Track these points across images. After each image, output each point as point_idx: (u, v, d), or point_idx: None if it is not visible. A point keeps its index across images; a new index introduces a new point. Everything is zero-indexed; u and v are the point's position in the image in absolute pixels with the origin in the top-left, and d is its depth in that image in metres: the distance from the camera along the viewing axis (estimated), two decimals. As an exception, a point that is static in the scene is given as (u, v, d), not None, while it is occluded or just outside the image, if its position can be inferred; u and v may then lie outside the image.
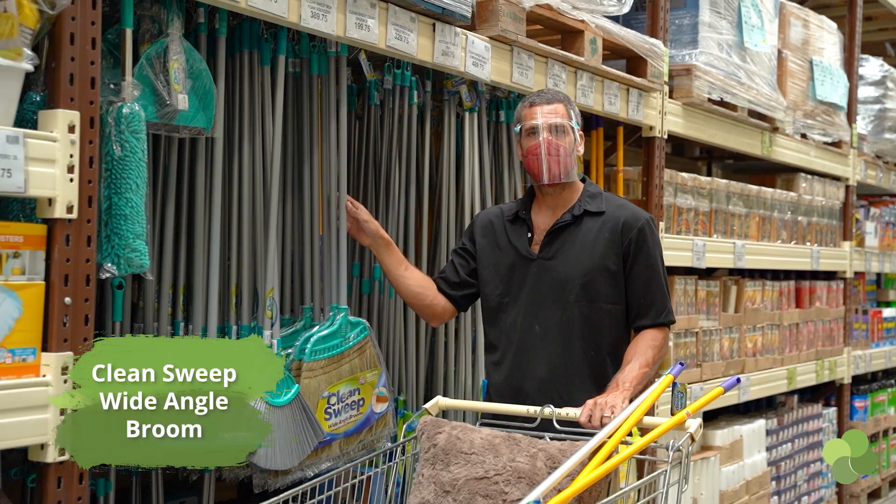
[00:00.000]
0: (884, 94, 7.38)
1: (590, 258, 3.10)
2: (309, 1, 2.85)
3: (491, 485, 2.58)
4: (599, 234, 3.14)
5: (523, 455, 2.60)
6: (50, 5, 2.24)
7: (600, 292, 3.11)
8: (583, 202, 3.17)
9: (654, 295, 3.15)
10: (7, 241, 2.21)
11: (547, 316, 3.11)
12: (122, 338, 2.40)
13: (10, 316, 2.21)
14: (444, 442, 2.68)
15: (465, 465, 2.63)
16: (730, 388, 2.82)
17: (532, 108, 3.13)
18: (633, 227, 3.13)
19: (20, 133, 2.17)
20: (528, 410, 2.81)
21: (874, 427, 7.23)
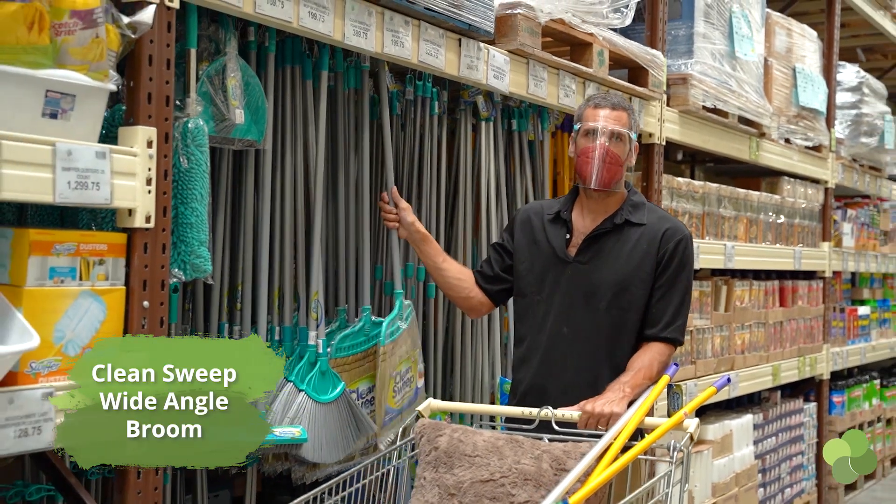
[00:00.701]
0: (860, 100, 7.64)
1: (625, 268, 3.13)
2: (352, 21, 3.02)
3: (497, 487, 2.62)
4: (637, 244, 3.16)
5: (527, 457, 2.65)
6: (132, 30, 2.40)
7: (632, 302, 3.14)
8: (625, 211, 3.19)
9: (672, 308, 3.15)
10: (94, 249, 2.36)
11: (577, 320, 3.14)
12: (123, 338, 2.39)
13: (97, 319, 2.36)
14: (446, 445, 2.70)
15: (470, 467, 2.66)
16: (721, 387, 2.97)
17: (595, 110, 3.14)
18: (671, 239, 3.16)
19: (107, 149, 2.33)
20: (523, 412, 2.88)
21: (851, 421, 7.48)
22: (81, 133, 2.30)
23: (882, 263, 8.32)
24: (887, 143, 8.22)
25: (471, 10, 3.43)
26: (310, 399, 3.06)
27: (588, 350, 3.14)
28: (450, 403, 3.04)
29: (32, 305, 2.22)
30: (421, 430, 2.78)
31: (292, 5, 2.82)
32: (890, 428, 8.38)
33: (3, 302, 2.20)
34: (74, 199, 2.26)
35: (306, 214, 3.25)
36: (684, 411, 2.75)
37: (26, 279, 2.23)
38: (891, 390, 8.44)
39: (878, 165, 8.36)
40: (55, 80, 2.21)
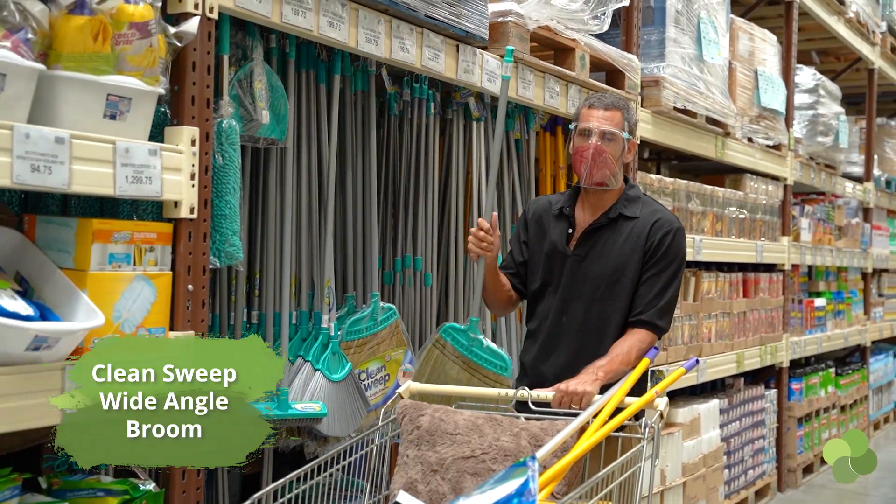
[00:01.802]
0: (816, 101, 8.00)
1: (617, 260, 3.26)
2: (364, 29, 3.28)
3: (478, 463, 2.70)
4: (629, 237, 3.29)
5: (507, 434, 2.74)
6: (178, 39, 2.64)
7: (623, 293, 3.26)
8: (620, 205, 3.31)
9: (653, 294, 3.26)
10: (145, 237, 2.60)
11: (574, 310, 3.29)
12: (123, 337, 2.43)
13: (148, 301, 2.60)
14: (428, 424, 2.79)
15: (452, 445, 2.74)
16: (690, 368, 3.12)
17: (590, 111, 3.25)
18: (659, 230, 3.28)
19: (158, 147, 2.57)
20: (499, 394, 2.99)
21: (808, 407, 7.83)
22: (135, 132, 2.54)
23: (837, 257, 8.68)
24: (841, 142, 8.59)
25: (468, 18, 3.70)
26: (324, 378, 3.32)
27: (582, 338, 3.27)
28: (428, 385, 3.12)
29: (95, 288, 2.46)
30: (403, 410, 2.86)
31: (313, 15, 3.07)
32: (844, 415, 8.75)
33: (70, 284, 2.44)
34: (131, 192, 2.50)
35: (320, 207, 3.50)
36: (655, 390, 2.88)
37: (90, 264, 2.47)
38: (844, 378, 8.80)
39: (833, 164, 8.73)
40: (115, 84, 2.46)
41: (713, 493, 6.04)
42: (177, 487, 2.68)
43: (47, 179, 2.29)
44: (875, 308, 9.97)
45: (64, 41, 2.38)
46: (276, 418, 3.16)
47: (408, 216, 4.02)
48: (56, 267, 2.46)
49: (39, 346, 2.26)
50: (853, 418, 9.03)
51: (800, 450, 7.67)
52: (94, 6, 2.42)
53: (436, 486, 2.73)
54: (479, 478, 2.68)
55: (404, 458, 2.80)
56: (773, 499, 7.24)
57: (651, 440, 2.72)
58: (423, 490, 2.73)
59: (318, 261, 3.48)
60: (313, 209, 3.49)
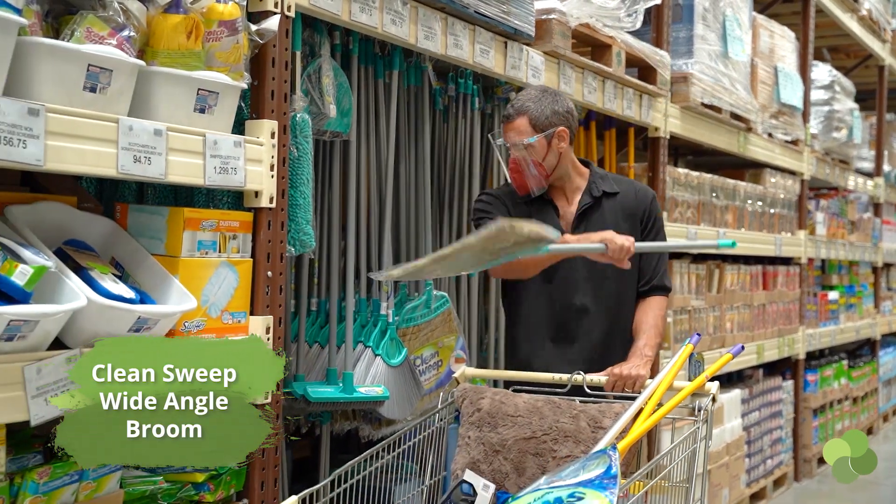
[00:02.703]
0: (832, 97, 8.13)
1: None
2: (422, 26, 3.41)
3: (540, 444, 2.80)
4: (620, 211, 3.35)
5: (566, 416, 2.84)
6: (260, 36, 2.77)
7: (633, 266, 3.23)
8: (597, 184, 3.36)
9: (660, 263, 3.40)
10: (229, 225, 2.72)
11: (584, 292, 3.32)
12: (123, 337, 2.33)
13: (231, 286, 2.73)
14: (489, 406, 2.89)
15: (513, 426, 2.84)
16: (737, 354, 3.15)
17: (503, 126, 3.29)
18: (645, 199, 3.39)
19: (241, 139, 2.70)
20: (554, 377, 3.05)
21: (822, 399, 7.97)
22: (221, 125, 2.66)
23: (850, 251, 8.82)
24: (855, 138, 8.73)
25: (516, 15, 3.82)
26: (384, 363, 3.45)
27: (601, 318, 3.34)
28: (483, 370, 3.23)
29: (186, 273, 2.58)
30: (463, 393, 2.97)
31: (378, 13, 3.19)
32: (856, 406, 8.89)
33: (162, 270, 2.56)
34: (219, 181, 2.63)
35: (379, 198, 3.63)
36: (706, 375, 2.95)
37: (181, 250, 2.59)
38: (856, 371, 8.95)
39: (847, 159, 8.86)
40: (205, 79, 2.58)
41: (735, 481, 6.18)
42: (257, 465, 2.81)
43: (147, 170, 2.41)
44: (884, 302, 10.11)
45: (160, 38, 2.50)
46: (344, 401, 3.29)
47: (453, 208, 4.14)
48: (148, 253, 2.59)
49: (140, 328, 2.39)
50: (864, 410, 9.17)
51: (815, 440, 7.81)
52: (187, 5, 2.54)
53: (498, 465, 2.83)
54: (540, 458, 2.80)
55: (465, 440, 2.90)
56: (790, 488, 7.37)
57: (705, 422, 2.82)
58: (486, 469, 2.84)
59: (377, 250, 3.61)
60: (372, 200, 3.62)
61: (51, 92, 2.22)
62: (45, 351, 2.23)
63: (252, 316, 2.80)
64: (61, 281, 2.27)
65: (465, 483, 2.69)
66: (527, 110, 3.25)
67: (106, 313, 2.30)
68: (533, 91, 3.32)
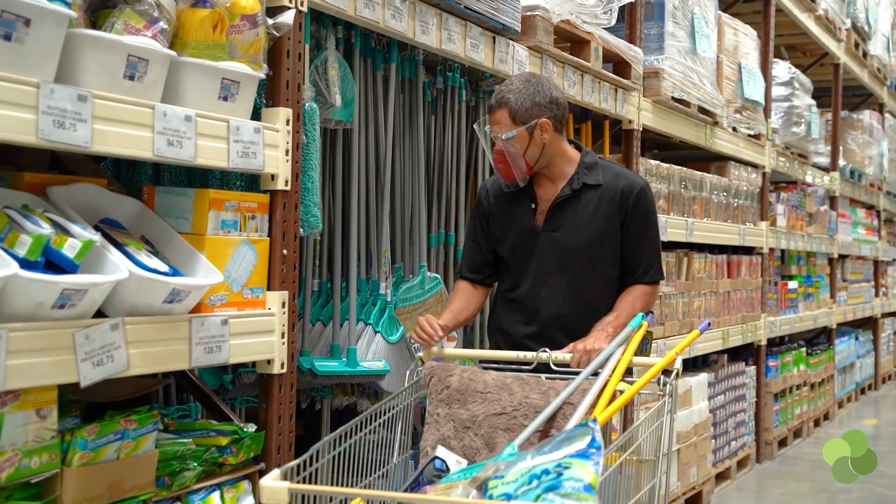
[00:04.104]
0: (791, 94, 8.43)
1: (591, 229, 3.34)
2: (419, 21, 3.61)
3: (510, 419, 2.81)
4: (599, 204, 3.34)
5: (535, 392, 2.85)
6: (276, 29, 2.95)
7: (603, 260, 3.37)
8: (580, 175, 3.36)
9: (646, 254, 3.41)
10: (249, 206, 2.91)
11: (553, 283, 3.38)
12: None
13: (251, 263, 2.91)
14: (458, 383, 2.90)
15: (483, 402, 2.85)
16: (704, 330, 3.28)
17: (488, 116, 3.33)
18: (630, 194, 3.36)
19: (261, 125, 2.88)
20: (518, 356, 3.09)
21: (783, 384, 8.26)
22: (242, 112, 2.85)
23: (808, 242, 9.12)
24: (813, 133, 9.03)
25: (504, 11, 4.03)
26: (383, 339, 3.65)
27: (567, 311, 3.38)
28: (447, 350, 3.22)
29: (211, 250, 2.76)
30: (430, 371, 2.97)
31: (380, 9, 3.39)
32: (813, 392, 9.19)
33: (189, 247, 2.74)
34: (241, 165, 2.81)
35: (377, 184, 3.82)
36: (675, 351, 2.96)
37: (206, 229, 2.77)
38: (814, 358, 9.25)
39: (805, 153, 9.17)
40: (229, 69, 2.76)
41: (703, 461, 6.43)
42: (274, 431, 3.00)
43: (179, 153, 2.59)
44: (840, 292, 10.44)
45: (189, 31, 2.68)
46: (348, 374, 3.48)
47: (442, 194, 4.34)
48: (175, 232, 2.77)
49: (174, 300, 2.57)
50: (821, 396, 9.48)
51: (776, 423, 8.09)
52: (214, 0, 2.72)
53: (469, 441, 2.84)
54: (511, 433, 2.80)
55: (434, 417, 2.90)
56: (753, 469, 7.65)
57: (671, 396, 2.87)
58: (457, 446, 2.84)
59: (376, 233, 3.81)
60: (370, 186, 3.81)
61: (95, 80, 2.39)
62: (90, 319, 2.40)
63: (269, 291, 2.99)
64: (103, 255, 2.45)
65: (437, 459, 2.65)
66: (507, 102, 3.25)
67: (144, 285, 2.48)
68: (517, 81, 3.30)
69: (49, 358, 2.27)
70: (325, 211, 3.68)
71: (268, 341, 2.96)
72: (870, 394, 11.78)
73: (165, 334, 2.58)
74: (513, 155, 3.30)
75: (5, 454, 2.21)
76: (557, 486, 1.99)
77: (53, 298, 2.26)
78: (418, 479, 2.59)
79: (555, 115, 3.32)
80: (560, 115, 3.35)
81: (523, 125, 3.26)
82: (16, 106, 2.16)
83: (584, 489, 1.96)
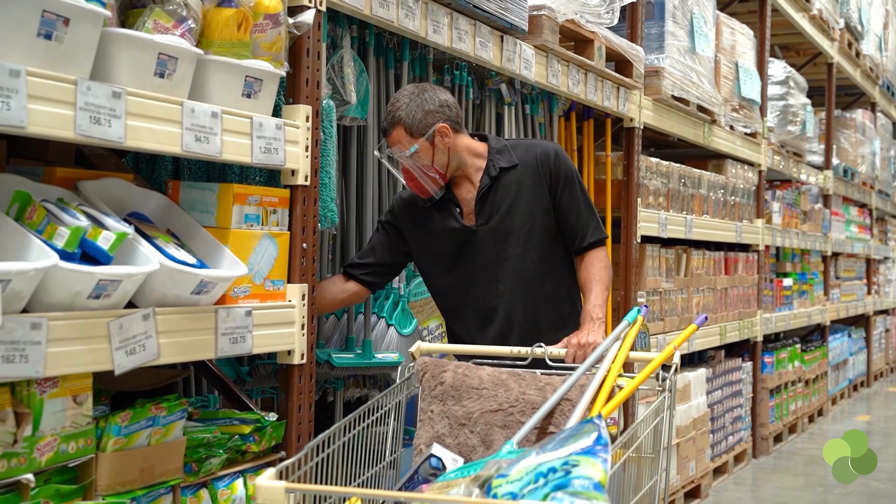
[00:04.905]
0: (787, 93, 8.52)
1: (524, 209, 3.33)
2: (431, 21, 3.68)
3: (507, 416, 2.76)
4: (522, 183, 3.34)
5: (532, 388, 2.80)
6: (297, 28, 3.03)
7: (544, 234, 3.36)
8: (494, 161, 3.35)
9: (587, 217, 3.40)
10: (270, 201, 2.98)
11: (505, 273, 3.36)
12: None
13: (272, 256, 2.99)
14: (452, 379, 2.84)
15: (478, 399, 2.80)
16: (701, 324, 3.24)
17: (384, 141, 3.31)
18: (547, 158, 3.35)
19: (282, 122, 2.96)
20: (513, 351, 3.05)
21: (778, 380, 8.36)
22: (264, 109, 2.92)
23: (802, 240, 9.22)
24: (808, 131, 9.14)
25: (512, 11, 4.11)
26: (396, 332, 3.72)
27: (527, 293, 3.37)
28: (438, 345, 3.18)
29: (235, 243, 2.84)
30: (423, 367, 2.92)
31: (394, 8, 3.47)
32: (808, 388, 9.30)
33: (214, 240, 2.82)
34: (264, 160, 2.89)
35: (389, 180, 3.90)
36: (674, 345, 2.94)
37: (231, 223, 2.85)
38: (808, 354, 9.35)
39: (800, 152, 9.27)
40: (252, 67, 2.84)
41: (701, 455, 6.52)
42: (294, 420, 3.08)
43: (206, 148, 2.67)
44: (833, 290, 10.55)
45: (214, 30, 2.75)
46: (364, 366, 3.56)
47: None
48: (200, 225, 2.84)
49: (201, 291, 2.64)
50: (815, 392, 9.59)
51: (771, 419, 8.19)
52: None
53: (464, 438, 2.79)
54: (508, 430, 2.74)
55: (428, 414, 2.85)
56: (749, 464, 7.75)
57: (670, 391, 2.83)
58: (452, 443, 2.79)
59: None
60: (383, 182, 3.89)
61: (128, 77, 2.46)
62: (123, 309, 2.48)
63: (289, 284, 3.06)
64: (134, 247, 2.52)
65: (433, 457, 2.58)
66: (399, 120, 3.23)
67: (174, 276, 2.56)
68: (403, 97, 3.28)
69: (85, 346, 2.34)
70: (339, 206, 3.75)
71: (288, 332, 3.03)
72: (862, 390, 11.90)
73: (193, 324, 2.66)
74: (423, 169, 3.29)
75: (45, 439, 2.29)
76: (566, 484, 1.94)
77: (90, 289, 2.33)
78: (413, 478, 2.55)
79: (449, 116, 3.30)
80: (454, 115, 3.32)
81: (422, 136, 3.25)
82: (55, 102, 2.23)
83: (593, 487, 1.92)
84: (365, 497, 2.36)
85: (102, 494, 2.42)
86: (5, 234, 2.27)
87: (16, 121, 2.13)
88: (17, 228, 2.27)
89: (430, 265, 3.49)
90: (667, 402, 2.83)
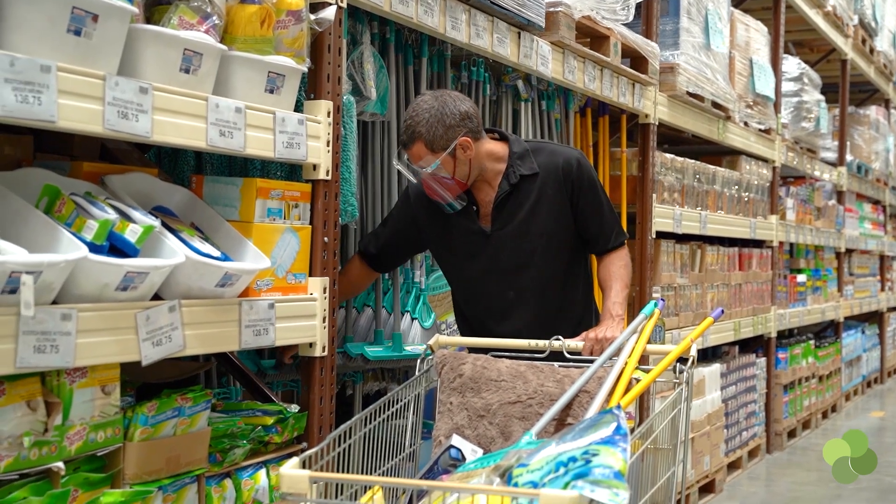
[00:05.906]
0: (801, 89, 8.54)
1: (543, 218, 3.34)
2: (450, 17, 3.72)
3: (526, 408, 2.79)
4: (543, 192, 3.33)
5: (550, 380, 2.84)
6: (318, 24, 3.06)
7: (562, 244, 3.38)
8: (515, 167, 3.34)
9: (610, 222, 3.43)
10: (292, 195, 3.02)
11: (518, 281, 3.37)
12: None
13: (294, 250, 3.02)
14: (471, 371, 2.88)
15: (497, 391, 2.83)
16: (717, 318, 3.28)
17: (403, 151, 3.29)
18: (570, 170, 3.34)
19: (304, 117, 2.99)
20: (530, 344, 3.07)
21: (792, 376, 8.37)
22: (286, 105, 2.96)
23: (816, 236, 9.24)
24: (822, 128, 9.15)
25: (529, 7, 4.14)
26: (419, 325, 3.76)
27: (539, 303, 3.40)
28: (455, 338, 3.22)
29: (258, 237, 2.87)
30: (442, 359, 2.95)
31: (414, 5, 3.50)
32: (821, 384, 9.31)
33: (237, 234, 2.86)
34: (286, 155, 2.93)
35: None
36: (690, 338, 2.97)
37: (254, 216, 2.89)
38: (822, 350, 9.36)
39: (814, 148, 9.28)
40: (275, 63, 2.87)
41: (715, 450, 6.55)
42: (315, 412, 3.11)
43: (230, 143, 2.70)
44: (847, 286, 10.55)
45: (238, 26, 2.79)
46: (395, 358, 3.60)
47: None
48: (223, 219, 2.88)
49: (225, 283, 2.68)
50: (829, 388, 9.60)
51: (785, 415, 8.21)
52: (262, -4, 2.83)
53: (483, 430, 2.82)
54: (526, 422, 2.77)
55: (448, 406, 2.88)
56: (763, 459, 7.77)
57: (686, 383, 2.84)
58: (471, 435, 2.81)
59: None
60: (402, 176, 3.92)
61: (154, 72, 2.50)
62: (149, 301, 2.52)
63: (311, 277, 3.10)
64: (160, 240, 2.56)
65: (453, 448, 2.61)
66: (420, 136, 3.19)
67: (199, 269, 2.59)
68: (422, 110, 3.21)
69: (113, 337, 2.38)
70: (361, 201, 3.79)
71: (310, 325, 3.07)
72: (876, 387, 11.90)
73: (218, 317, 2.70)
74: (443, 180, 3.29)
75: (74, 428, 2.33)
76: (587, 473, 1.98)
77: (117, 281, 2.37)
78: (433, 468, 2.57)
79: (470, 128, 3.25)
80: (475, 125, 3.28)
81: (444, 151, 3.21)
82: (85, 97, 2.27)
83: (614, 476, 1.95)
84: (387, 485, 2.41)
85: (130, 483, 2.46)
86: (36, 226, 2.31)
87: (46, 115, 2.17)
88: (48, 221, 2.31)
89: (444, 256, 3.53)
90: (684, 394, 2.84)
